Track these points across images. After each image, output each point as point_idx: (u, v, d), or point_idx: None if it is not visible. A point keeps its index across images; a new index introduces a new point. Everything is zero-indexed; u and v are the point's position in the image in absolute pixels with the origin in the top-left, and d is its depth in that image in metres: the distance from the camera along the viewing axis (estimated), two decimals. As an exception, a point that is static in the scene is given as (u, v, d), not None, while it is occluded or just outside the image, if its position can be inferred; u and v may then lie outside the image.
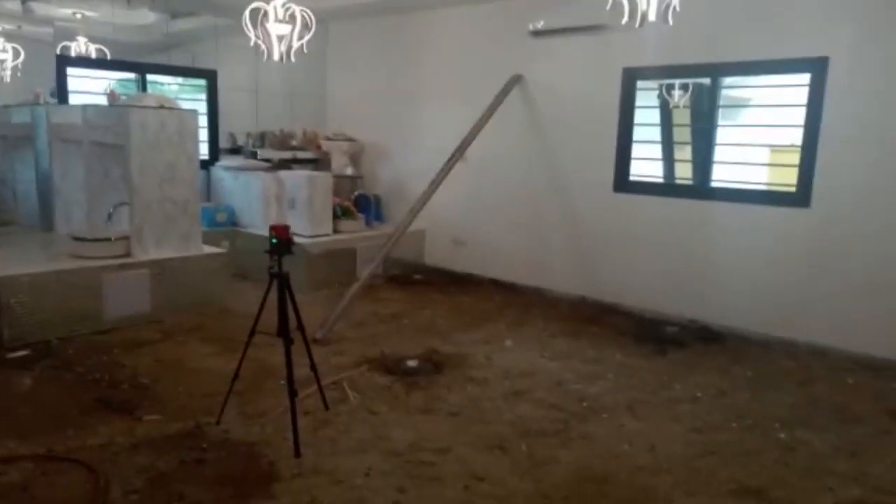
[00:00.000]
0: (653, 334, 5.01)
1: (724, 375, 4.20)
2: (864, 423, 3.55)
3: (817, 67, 4.55)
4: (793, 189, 4.80)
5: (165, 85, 7.00)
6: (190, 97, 6.97)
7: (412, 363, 4.19)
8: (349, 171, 7.46)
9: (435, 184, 5.62)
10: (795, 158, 4.78)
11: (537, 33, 5.99)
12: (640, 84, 5.54)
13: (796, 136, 4.76)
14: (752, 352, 4.71)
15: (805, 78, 4.64)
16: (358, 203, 6.92)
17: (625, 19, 3.54)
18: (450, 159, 5.73)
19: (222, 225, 6.55)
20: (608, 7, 3.58)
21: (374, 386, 3.81)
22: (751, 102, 5.97)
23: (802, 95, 4.67)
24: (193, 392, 3.61)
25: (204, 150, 6.58)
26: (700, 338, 4.98)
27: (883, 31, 4.33)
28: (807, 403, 3.80)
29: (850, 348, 4.56)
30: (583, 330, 5.10)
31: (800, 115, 4.70)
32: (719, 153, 5.22)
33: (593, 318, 5.43)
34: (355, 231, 6.63)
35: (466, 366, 4.19)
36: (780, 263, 4.87)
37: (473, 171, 6.40)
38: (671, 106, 5.59)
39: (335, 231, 6.46)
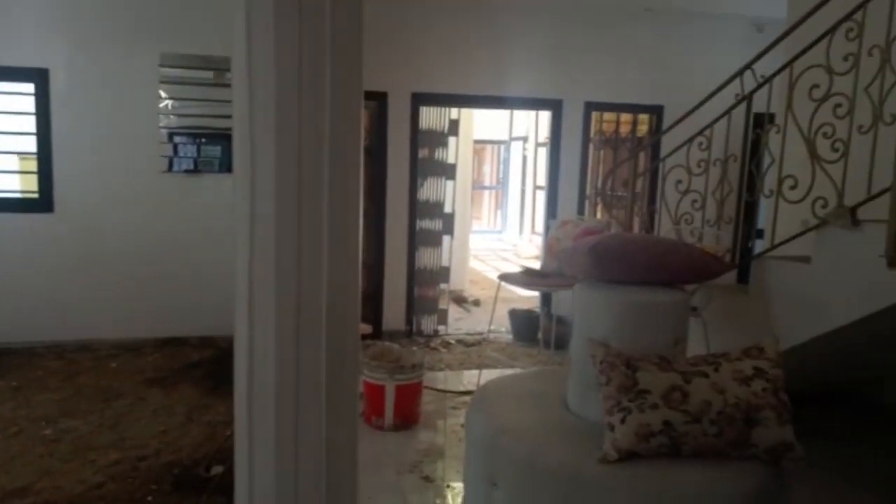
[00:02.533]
0: None
1: (-14, 393, 4.04)
2: (125, 397, 4.07)
3: (39, 78, 4.76)
4: (36, 195, 4.91)
5: None
6: None
7: None
8: None
9: None
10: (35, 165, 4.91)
11: None
12: None
13: (32, 144, 4.87)
14: (17, 362, 4.65)
15: (30, 87, 4.78)
16: None
17: None
18: None
19: None
20: None
21: None
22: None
23: (31, 104, 4.81)
24: None
25: None
26: (-44, 362, 4.57)
27: (95, 45, 4.86)
28: (73, 395, 4.06)
29: (113, 336, 5.06)
30: None
31: (32, 124, 4.82)
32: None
33: None
34: None
35: None
36: (34, 269, 4.93)
37: None
38: None
39: None
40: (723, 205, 3.18)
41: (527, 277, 3.67)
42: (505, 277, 3.72)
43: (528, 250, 11.66)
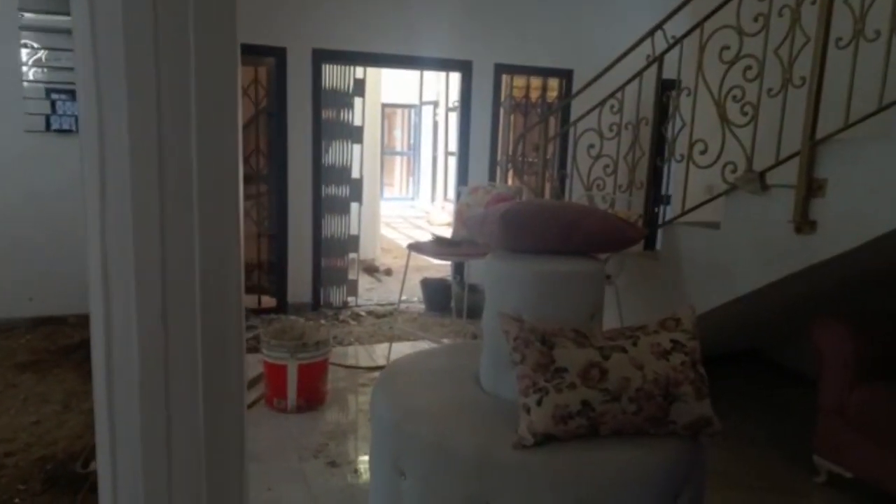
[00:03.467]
0: None
1: None
2: (-9, 386, 3.62)
3: None
4: None
5: None
6: None
7: None
8: None
9: None
10: None
11: None
12: None
13: None
14: None
15: None
16: None
17: None
18: None
19: None
20: None
21: None
22: None
23: None
24: None
25: None
26: None
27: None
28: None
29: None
30: None
31: None
32: None
33: None
34: None
35: None
36: None
37: None
38: None
39: None
40: (634, 170, 3.12)
41: (437, 247, 3.50)
42: (415, 247, 3.54)
43: (440, 217, 11.54)
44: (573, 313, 1.95)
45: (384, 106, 8.54)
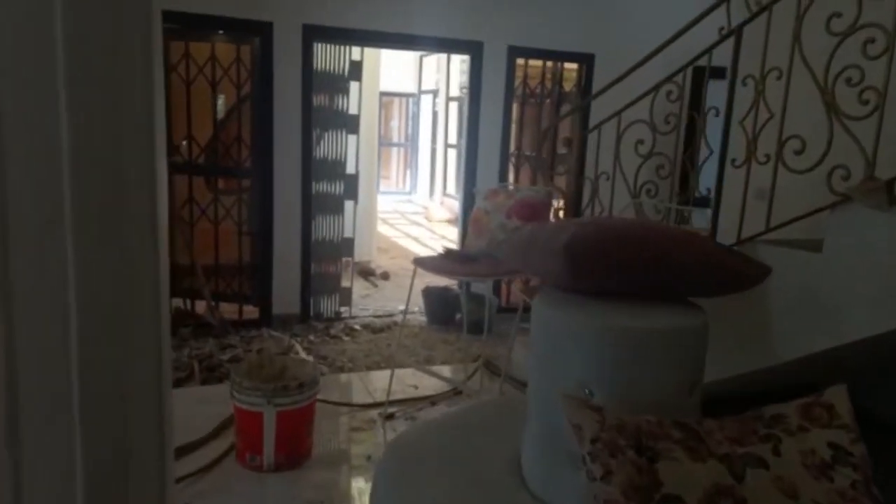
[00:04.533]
0: None
1: None
2: None
3: None
4: None
5: None
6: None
7: None
8: None
9: None
10: None
11: None
12: None
13: None
14: None
15: None
16: None
17: None
18: None
19: None
20: None
21: None
22: None
23: None
24: None
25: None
26: None
27: None
28: None
29: None
30: None
31: None
32: None
33: None
34: None
35: None
36: None
37: None
38: None
39: None
40: (697, 174, 2.50)
41: (450, 263, 2.88)
42: (422, 262, 2.91)
43: (439, 213, 10.90)
44: (667, 388, 1.33)
45: (381, 94, 7.89)
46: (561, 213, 3.77)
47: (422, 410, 3.21)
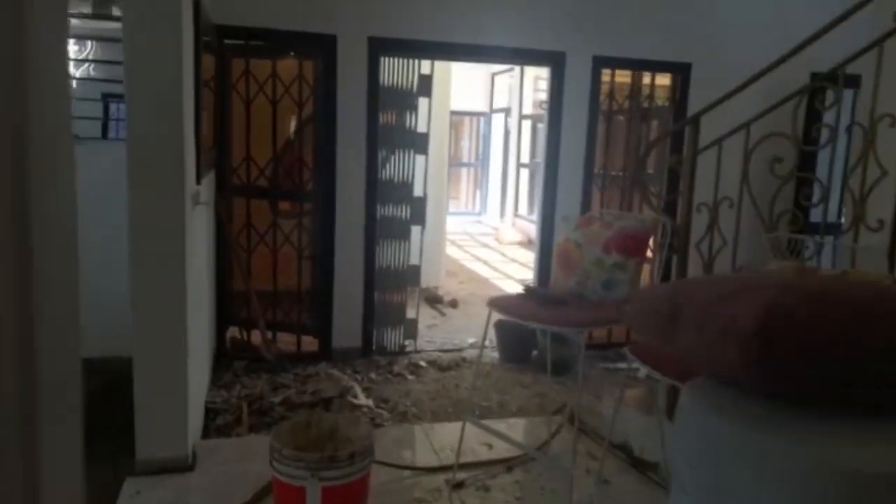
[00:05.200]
0: None
1: None
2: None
3: None
4: None
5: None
6: None
7: None
8: None
9: None
10: None
11: None
12: None
13: None
14: None
15: None
16: None
17: None
18: None
19: None
20: None
21: None
22: None
23: None
24: None
25: None
26: None
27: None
28: None
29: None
30: None
31: None
32: None
33: None
34: None
35: None
36: None
37: None
38: None
39: None
40: (864, 200, 1.94)
41: (532, 305, 2.39)
42: (497, 304, 2.44)
43: (510, 235, 10.41)
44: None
45: (451, 113, 7.51)
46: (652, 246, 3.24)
47: (496, 478, 2.72)
